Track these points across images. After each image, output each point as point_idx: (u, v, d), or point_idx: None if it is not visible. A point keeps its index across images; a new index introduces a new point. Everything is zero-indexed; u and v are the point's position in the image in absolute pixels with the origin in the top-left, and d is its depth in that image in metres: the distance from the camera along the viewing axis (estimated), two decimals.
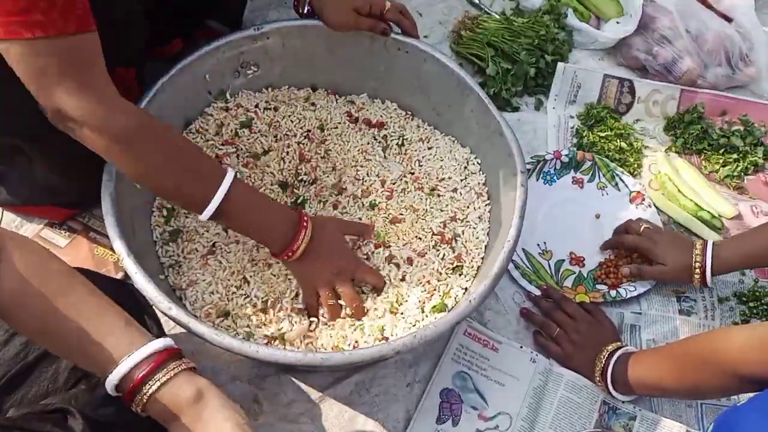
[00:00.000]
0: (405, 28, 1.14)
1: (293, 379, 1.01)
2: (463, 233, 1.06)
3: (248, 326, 0.92)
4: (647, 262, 1.15)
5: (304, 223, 0.90)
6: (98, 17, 0.76)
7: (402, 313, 0.97)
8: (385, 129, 1.18)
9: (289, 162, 1.11)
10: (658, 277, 1.14)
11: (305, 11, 1.14)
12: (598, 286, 1.17)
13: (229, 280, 0.96)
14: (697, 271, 1.08)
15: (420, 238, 1.05)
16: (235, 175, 0.86)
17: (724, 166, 1.37)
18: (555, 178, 1.30)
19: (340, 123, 1.17)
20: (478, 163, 1.14)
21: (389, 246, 1.04)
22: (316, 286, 0.93)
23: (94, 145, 0.78)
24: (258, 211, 0.88)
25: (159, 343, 0.66)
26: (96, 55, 0.76)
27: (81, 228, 1.14)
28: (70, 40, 0.72)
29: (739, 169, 1.36)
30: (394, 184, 1.11)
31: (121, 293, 0.83)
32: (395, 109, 1.22)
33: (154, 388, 0.64)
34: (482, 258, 1.03)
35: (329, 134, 1.16)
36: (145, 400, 0.65)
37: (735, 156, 1.38)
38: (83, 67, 0.74)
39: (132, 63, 1.08)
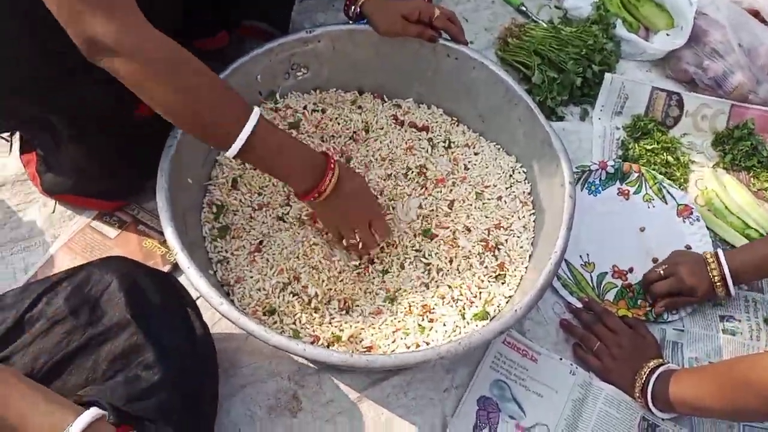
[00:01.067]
0: (453, 34, 1.15)
1: (333, 378, 1.02)
2: (506, 242, 1.06)
3: (295, 324, 0.93)
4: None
5: (332, 165, 0.91)
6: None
7: (442, 317, 0.97)
8: (431, 132, 1.19)
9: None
10: (692, 303, 1.15)
11: (355, 14, 1.15)
12: (640, 302, 1.16)
13: (276, 277, 0.98)
14: (719, 284, 1.10)
15: (466, 241, 1.05)
16: (261, 114, 0.86)
17: None
18: (600, 189, 1.29)
19: (385, 125, 1.19)
20: (523, 171, 1.13)
21: (432, 249, 1.04)
22: (339, 228, 0.97)
23: (127, 74, 0.78)
24: (285, 150, 0.88)
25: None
26: None
27: (131, 220, 1.17)
28: None
29: None
30: (444, 175, 1.12)
31: (166, 286, 0.85)
32: (441, 114, 1.22)
33: None
34: (525, 267, 1.03)
35: (375, 135, 1.17)
36: None
37: None
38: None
39: None
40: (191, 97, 0.81)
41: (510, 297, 1.00)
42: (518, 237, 1.06)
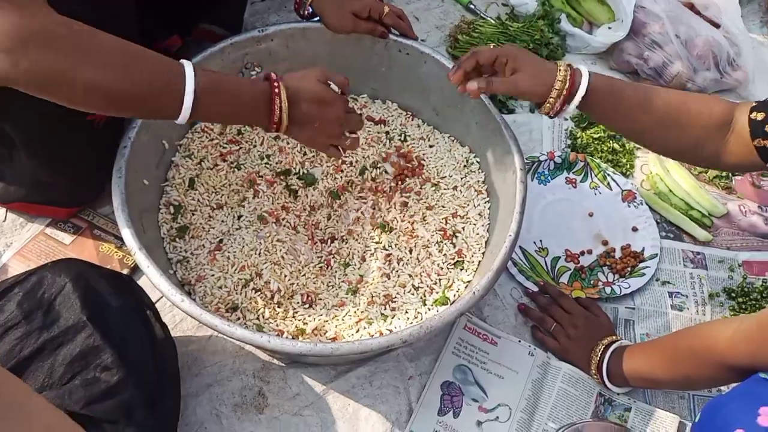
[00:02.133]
0: (403, 30, 1.18)
1: (298, 372, 1.03)
2: (463, 229, 1.09)
3: (258, 319, 0.94)
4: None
5: (276, 91, 0.84)
6: (87, 7, 0.74)
7: (404, 305, 0.99)
8: (387, 126, 1.21)
9: (293, 155, 1.14)
10: (511, 87, 0.95)
11: (306, 13, 1.17)
12: (594, 282, 1.20)
13: (237, 274, 0.98)
14: (554, 94, 0.93)
15: (424, 230, 1.08)
16: (194, 65, 0.79)
17: None
18: (549, 178, 1.33)
19: None
20: (477, 161, 1.17)
21: (391, 241, 1.06)
22: (325, 144, 0.93)
23: (45, 65, 0.68)
24: (230, 97, 0.82)
25: None
26: None
27: (86, 225, 1.15)
28: None
29: None
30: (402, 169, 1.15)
31: (122, 286, 0.85)
32: (396, 108, 1.25)
33: None
34: (482, 253, 1.06)
35: None
36: None
37: None
38: None
39: None
40: (120, 71, 0.73)
41: (468, 281, 1.03)
42: (474, 224, 1.09)
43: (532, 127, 1.43)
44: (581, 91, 0.93)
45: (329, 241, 1.07)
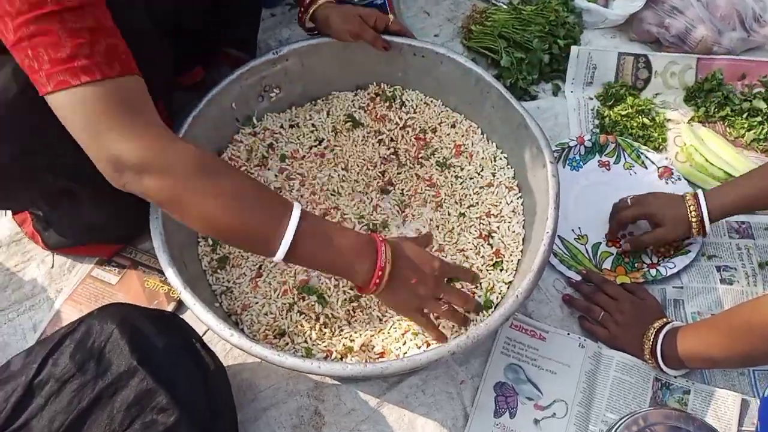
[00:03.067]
0: (409, 37, 1.18)
1: (351, 388, 1.04)
2: (498, 228, 1.08)
3: (306, 342, 0.95)
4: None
5: (380, 239, 0.84)
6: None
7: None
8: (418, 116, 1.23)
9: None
10: (660, 238, 1.13)
11: (308, 25, 1.16)
12: (638, 265, 1.18)
13: (281, 300, 1.00)
14: (695, 221, 1.09)
15: (461, 235, 1.07)
16: (302, 208, 0.80)
17: (749, 130, 1.37)
18: (581, 163, 1.31)
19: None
20: (504, 157, 1.15)
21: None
22: (419, 307, 0.88)
23: (157, 191, 0.75)
24: (331, 242, 0.81)
25: None
26: (144, 96, 0.75)
27: (129, 263, 1.18)
28: (117, 82, 0.71)
29: (765, 131, 1.36)
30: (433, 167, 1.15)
31: (168, 325, 0.87)
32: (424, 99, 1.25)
33: None
34: (521, 251, 1.05)
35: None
36: None
37: (759, 119, 1.37)
38: (133, 108, 0.73)
39: (161, 95, 1.11)
40: (228, 207, 0.76)
41: (510, 282, 1.02)
42: (509, 222, 1.08)
43: (557, 111, 1.40)
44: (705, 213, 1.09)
45: None
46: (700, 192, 1.10)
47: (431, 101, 1.23)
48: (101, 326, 0.81)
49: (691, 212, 1.10)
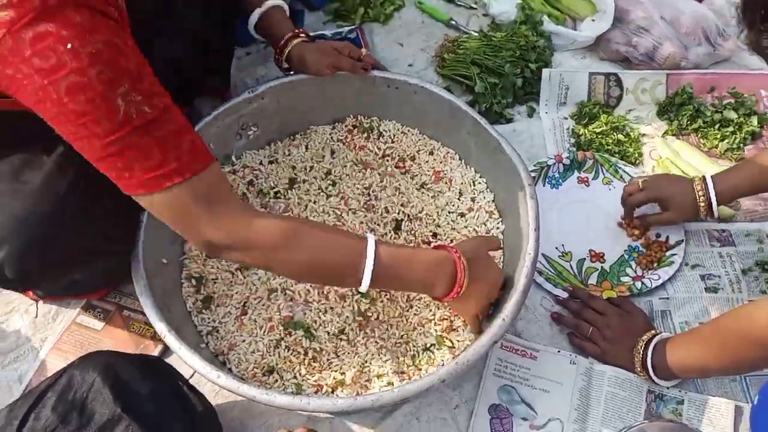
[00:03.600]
0: (382, 69, 1.21)
1: (344, 421, 1.03)
2: None
3: (295, 378, 0.94)
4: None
5: (458, 259, 0.89)
6: None
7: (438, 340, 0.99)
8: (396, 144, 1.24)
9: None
10: (668, 220, 1.19)
11: (284, 66, 1.19)
12: (623, 279, 1.19)
13: (267, 336, 0.99)
14: (702, 203, 1.13)
15: None
16: (376, 240, 0.86)
17: (722, 140, 1.39)
18: (561, 181, 1.33)
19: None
20: (483, 181, 1.17)
21: None
22: (479, 310, 0.97)
23: (250, 261, 0.84)
24: (410, 265, 0.88)
25: None
26: (223, 181, 0.82)
27: (114, 308, 1.17)
28: (202, 176, 0.76)
29: (737, 140, 1.39)
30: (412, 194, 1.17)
31: (152, 370, 0.86)
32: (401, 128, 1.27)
33: None
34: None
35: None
36: None
37: (731, 129, 1.40)
38: (218, 196, 0.79)
39: None
40: (314, 259, 0.84)
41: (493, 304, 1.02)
42: None
43: (533, 132, 1.42)
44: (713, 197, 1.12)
45: None
46: (708, 175, 1.14)
47: (408, 130, 1.24)
48: (82, 376, 0.80)
49: (699, 196, 1.13)
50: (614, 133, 1.39)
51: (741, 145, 1.39)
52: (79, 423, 0.77)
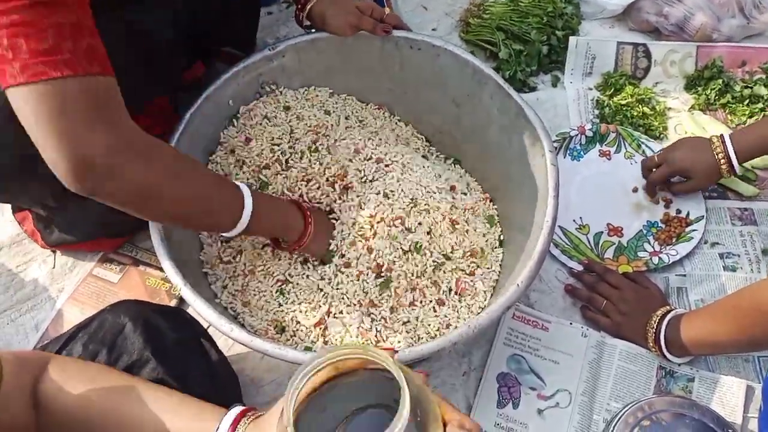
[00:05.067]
0: (405, 30, 1.17)
1: None
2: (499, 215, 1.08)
3: (304, 340, 0.95)
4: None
5: (308, 213, 0.99)
6: (141, 49, 0.77)
7: (446, 303, 0.99)
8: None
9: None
10: (693, 188, 1.20)
11: (306, 24, 1.16)
12: (640, 254, 1.17)
13: (278, 296, 1.00)
14: (723, 163, 1.13)
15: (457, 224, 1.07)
16: (250, 188, 0.90)
17: (750, 117, 1.36)
18: (582, 153, 1.30)
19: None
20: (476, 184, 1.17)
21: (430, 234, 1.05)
22: (325, 253, 1.03)
23: (140, 180, 0.75)
24: (274, 216, 0.95)
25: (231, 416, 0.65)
26: (120, 98, 0.74)
27: (130, 262, 1.18)
28: (99, 79, 0.70)
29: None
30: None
31: (178, 320, 0.87)
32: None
33: None
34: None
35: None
36: None
37: (761, 105, 1.36)
38: (111, 107, 0.72)
39: (169, 90, 1.13)
40: (202, 192, 0.84)
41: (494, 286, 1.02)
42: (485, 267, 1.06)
43: (556, 102, 1.40)
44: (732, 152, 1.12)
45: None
46: (726, 134, 1.13)
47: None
48: (114, 320, 0.82)
49: (718, 155, 1.13)
50: (640, 106, 1.36)
51: None
52: (107, 360, 0.78)
